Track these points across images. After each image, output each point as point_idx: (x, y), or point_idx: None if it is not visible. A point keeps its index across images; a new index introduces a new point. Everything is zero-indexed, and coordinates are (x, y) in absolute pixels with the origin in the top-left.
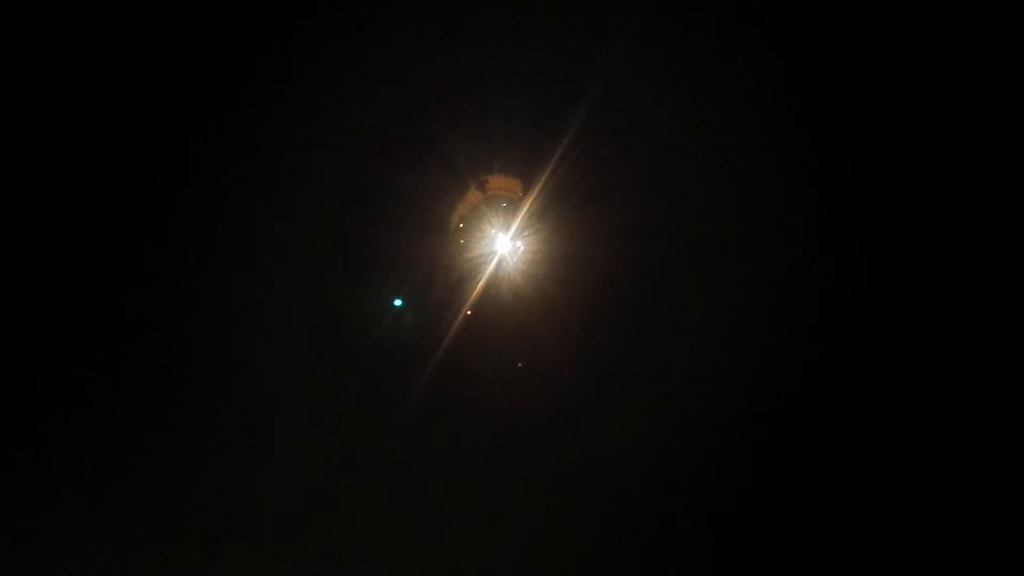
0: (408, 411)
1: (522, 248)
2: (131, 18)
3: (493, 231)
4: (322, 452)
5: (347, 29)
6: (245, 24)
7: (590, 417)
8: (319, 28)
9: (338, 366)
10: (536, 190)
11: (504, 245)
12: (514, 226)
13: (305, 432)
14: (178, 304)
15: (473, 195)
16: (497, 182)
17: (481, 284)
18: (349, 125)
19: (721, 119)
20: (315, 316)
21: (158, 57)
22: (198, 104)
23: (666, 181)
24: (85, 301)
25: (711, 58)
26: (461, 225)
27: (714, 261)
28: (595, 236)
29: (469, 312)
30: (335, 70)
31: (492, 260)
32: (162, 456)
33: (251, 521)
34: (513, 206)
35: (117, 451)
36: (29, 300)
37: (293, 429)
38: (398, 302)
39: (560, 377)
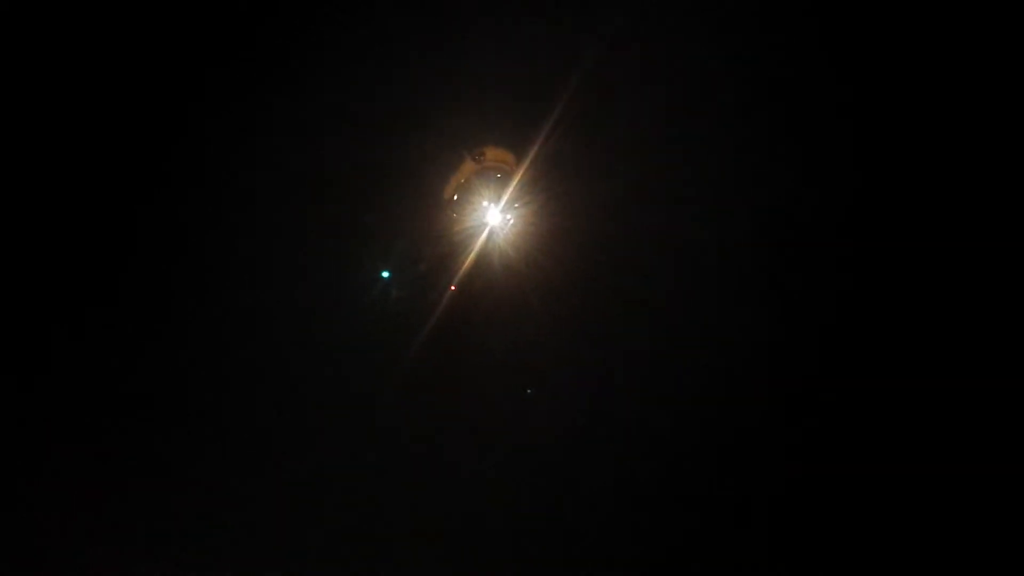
0: (399, 380)
1: (512, 220)
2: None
3: (484, 203)
4: (306, 432)
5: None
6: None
7: (580, 390)
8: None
9: (325, 339)
10: (527, 162)
11: (495, 217)
12: (505, 198)
13: (288, 412)
14: (163, 283)
15: (465, 167)
16: (489, 154)
17: (471, 257)
18: (340, 97)
19: (714, 93)
20: (301, 290)
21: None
22: (187, 84)
23: (658, 154)
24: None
25: (707, 32)
26: (456, 197)
27: (706, 235)
28: (586, 208)
29: (453, 288)
30: (325, 43)
31: (482, 232)
32: (150, 447)
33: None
34: (505, 178)
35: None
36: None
37: (275, 408)
38: (385, 274)
39: (549, 351)
